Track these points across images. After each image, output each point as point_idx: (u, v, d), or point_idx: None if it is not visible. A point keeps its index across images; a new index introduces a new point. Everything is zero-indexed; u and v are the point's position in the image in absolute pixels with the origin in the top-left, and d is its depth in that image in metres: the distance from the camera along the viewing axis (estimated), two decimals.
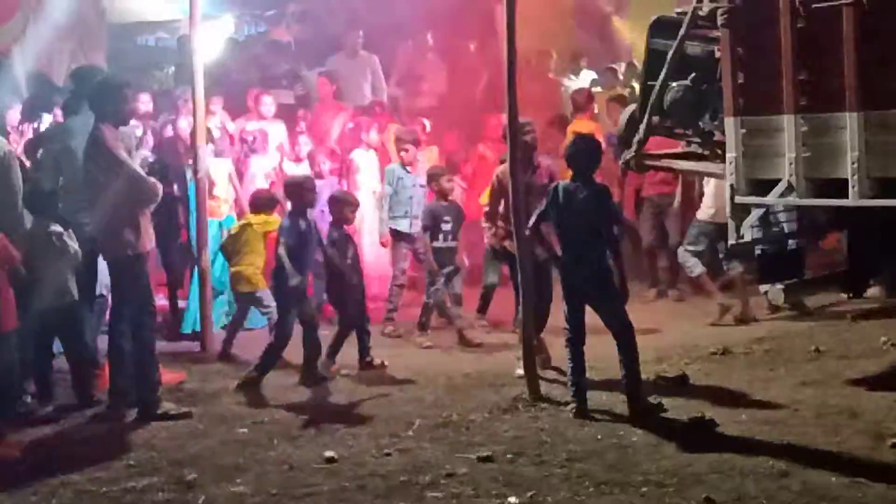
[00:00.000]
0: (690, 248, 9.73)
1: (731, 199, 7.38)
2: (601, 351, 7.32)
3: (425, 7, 13.71)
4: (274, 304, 8.56)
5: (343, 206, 8.68)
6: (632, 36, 14.77)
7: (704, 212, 9.66)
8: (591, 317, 7.15)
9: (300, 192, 8.36)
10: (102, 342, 7.84)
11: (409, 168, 10.10)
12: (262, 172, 10.79)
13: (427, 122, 11.73)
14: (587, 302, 7.09)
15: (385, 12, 14.18)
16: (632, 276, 8.89)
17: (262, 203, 9.36)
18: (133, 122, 8.99)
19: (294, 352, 8.29)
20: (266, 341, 8.31)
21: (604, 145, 8.53)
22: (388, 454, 6.31)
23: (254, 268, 9.15)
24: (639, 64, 10.79)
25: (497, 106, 11.94)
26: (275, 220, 9.13)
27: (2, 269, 6.76)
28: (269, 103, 11.47)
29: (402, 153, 10.16)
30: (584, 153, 7.24)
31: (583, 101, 11.70)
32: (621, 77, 13.09)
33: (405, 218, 9.95)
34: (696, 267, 9.71)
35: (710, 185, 9.51)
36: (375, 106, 12.18)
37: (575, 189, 7.09)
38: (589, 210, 7.02)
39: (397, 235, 10.01)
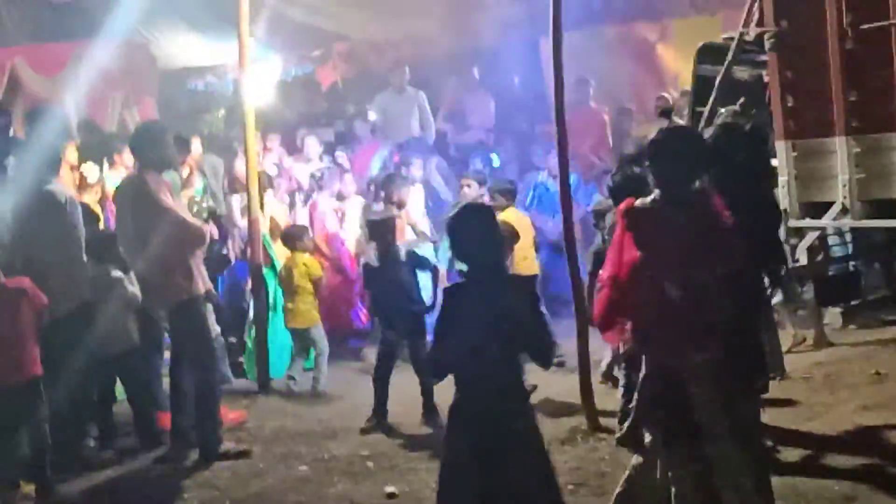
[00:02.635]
0: None
1: (785, 223, 7.38)
2: None
3: (470, 43, 13.87)
4: (324, 340, 8.68)
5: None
6: (677, 65, 14.77)
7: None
8: None
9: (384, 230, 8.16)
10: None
11: None
12: (330, 209, 10.85)
13: (494, 156, 11.81)
14: None
15: (430, 49, 14.35)
16: None
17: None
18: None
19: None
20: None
21: None
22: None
23: (305, 304, 9.27)
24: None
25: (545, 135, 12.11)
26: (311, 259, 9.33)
27: (29, 315, 6.80)
28: (313, 145, 11.63)
29: (466, 188, 10.19)
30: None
31: None
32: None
33: None
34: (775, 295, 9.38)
35: None
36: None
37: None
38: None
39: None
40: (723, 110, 7.87)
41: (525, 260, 8.89)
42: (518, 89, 14.31)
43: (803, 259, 7.45)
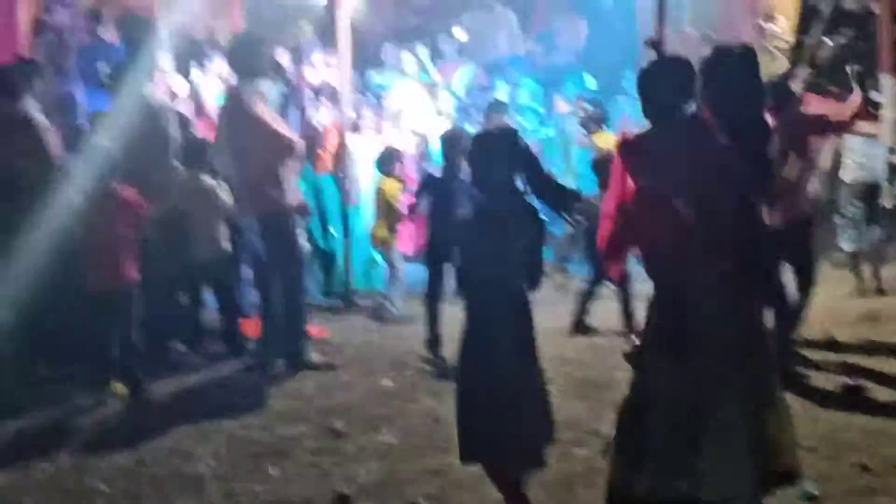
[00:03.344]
0: (847, 214, 9.09)
1: (890, 160, 7.23)
2: None
3: None
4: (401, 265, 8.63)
5: None
6: None
7: (850, 173, 9.03)
8: None
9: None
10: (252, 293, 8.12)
11: None
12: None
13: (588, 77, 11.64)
14: None
15: None
16: None
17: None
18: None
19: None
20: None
21: None
22: None
23: (383, 228, 9.22)
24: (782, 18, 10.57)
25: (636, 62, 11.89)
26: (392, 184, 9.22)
27: (132, 223, 6.95)
28: (408, 60, 11.52)
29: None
30: None
31: None
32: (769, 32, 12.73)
33: None
34: (849, 242, 9.14)
35: (855, 145, 9.10)
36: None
37: None
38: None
39: None
40: (827, 39, 7.76)
41: None
42: (610, 12, 14.04)
43: None
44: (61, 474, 5.83)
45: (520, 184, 4.69)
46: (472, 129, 9.73)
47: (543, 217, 4.80)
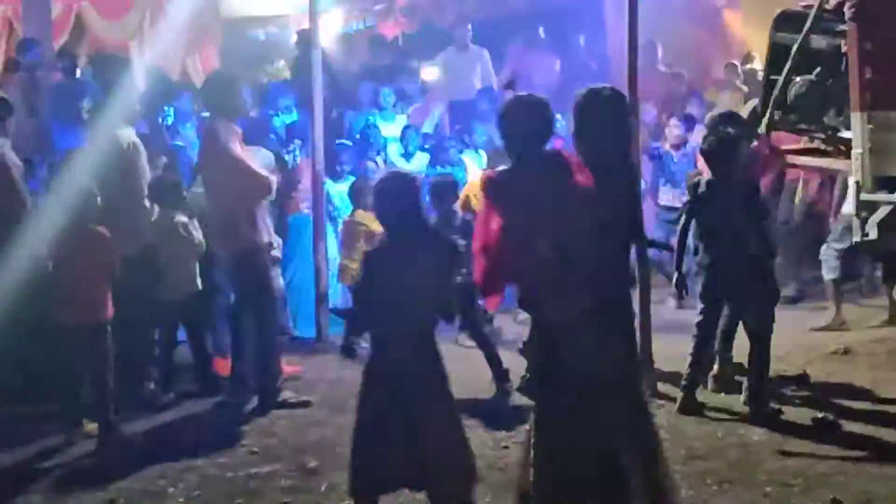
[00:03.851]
0: (836, 245, 9.05)
1: (857, 195, 7.27)
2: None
3: (534, 1, 13.72)
4: None
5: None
6: (745, 30, 14.57)
7: (846, 206, 8.72)
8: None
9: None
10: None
11: None
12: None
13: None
14: (728, 300, 7.03)
15: (494, 6, 14.23)
16: None
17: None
18: None
19: None
20: None
21: None
22: (506, 447, 6.34)
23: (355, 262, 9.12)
24: (758, 58, 10.67)
25: None
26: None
27: (105, 261, 6.94)
28: (387, 95, 11.55)
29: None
30: (723, 147, 6.97)
31: None
32: (741, 74, 12.88)
33: None
34: (832, 272, 9.11)
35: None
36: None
37: (719, 184, 6.89)
38: (737, 206, 6.80)
39: None
40: (798, 79, 7.82)
41: None
42: (583, 50, 14.17)
43: (873, 234, 7.31)
44: None
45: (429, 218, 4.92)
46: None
47: (458, 251, 4.97)
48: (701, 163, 7.92)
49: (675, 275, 7.09)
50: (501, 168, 4.88)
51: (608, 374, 4.58)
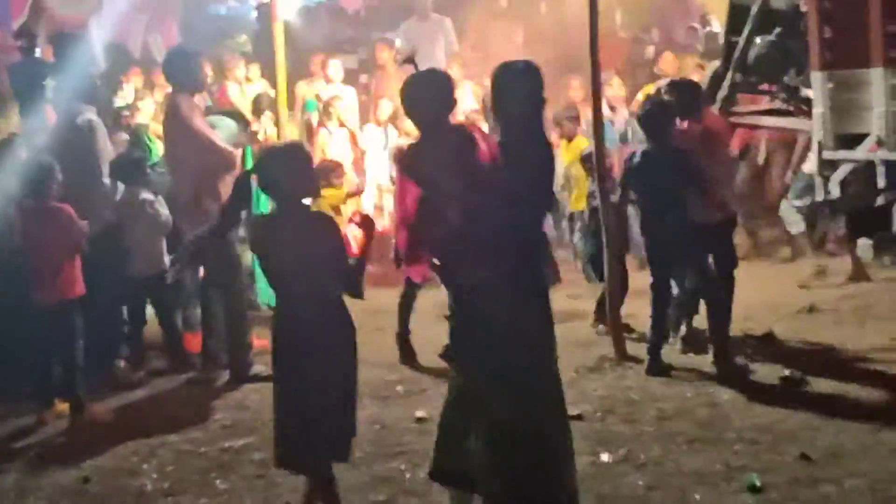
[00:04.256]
0: (796, 202, 9.35)
1: (819, 154, 7.34)
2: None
3: None
4: None
5: None
6: None
7: (806, 164, 9.03)
8: None
9: None
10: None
11: None
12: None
13: None
14: (671, 263, 7.11)
15: None
16: None
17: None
18: None
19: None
20: None
21: None
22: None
23: None
24: (716, 20, 10.71)
25: (570, 68, 11.97)
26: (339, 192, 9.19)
27: (72, 239, 6.91)
28: (336, 66, 11.51)
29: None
30: (656, 116, 7.09)
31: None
32: (701, 36, 12.90)
33: None
34: (797, 224, 9.43)
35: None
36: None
37: (652, 153, 6.99)
38: (668, 174, 6.88)
39: None
40: (758, 40, 7.87)
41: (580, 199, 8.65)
42: (545, 17, 14.12)
43: (836, 191, 7.40)
44: (3, 495, 5.77)
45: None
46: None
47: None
48: None
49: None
50: (411, 142, 4.93)
51: (520, 342, 4.63)
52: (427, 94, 4.79)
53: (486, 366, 4.61)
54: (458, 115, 10.70)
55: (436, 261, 4.85)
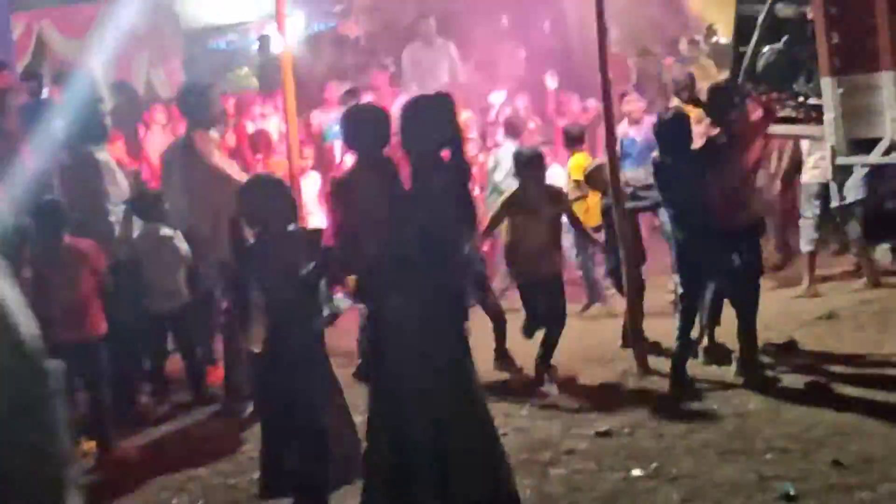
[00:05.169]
0: (807, 214, 9.05)
1: (833, 160, 7.35)
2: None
3: None
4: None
5: None
6: (700, 5, 14.67)
7: (808, 173, 9.04)
8: None
9: None
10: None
11: None
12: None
13: None
14: (700, 273, 7.08)
15: None
16: None
17: None
18: None
19: None
20: None
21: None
22: (505, 434, 6.33)
23: None
24: (720, 31, 10.75)
25: (572, 86, 12.04)
26: None
27: (93, 275, 6.93)
28: (334, 89, 11.57)
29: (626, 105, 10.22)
30: (670, 129, 7.06)
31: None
32: (704, 47, 12.97)
33: None
34: (808, 244, 9.08)
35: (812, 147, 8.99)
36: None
37: (672, 161, 6.97)
38: (693, 182, 6.87)
39: None
40: (766, 49, 7.90)
41: (588, 212, 8.66)
42: (548, 37, 14.22)
43: (851, 196, 7.42)
44: None
45: None
46: None
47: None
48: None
49: None
50: (344, 171, 5.44)
51: (433, 362, 4.81)
52: (361, 126, 5.20)
53: (400, 384, 4.83)
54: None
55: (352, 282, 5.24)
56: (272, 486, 5.19)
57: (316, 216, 9.49)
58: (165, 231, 7.70)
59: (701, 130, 7.53)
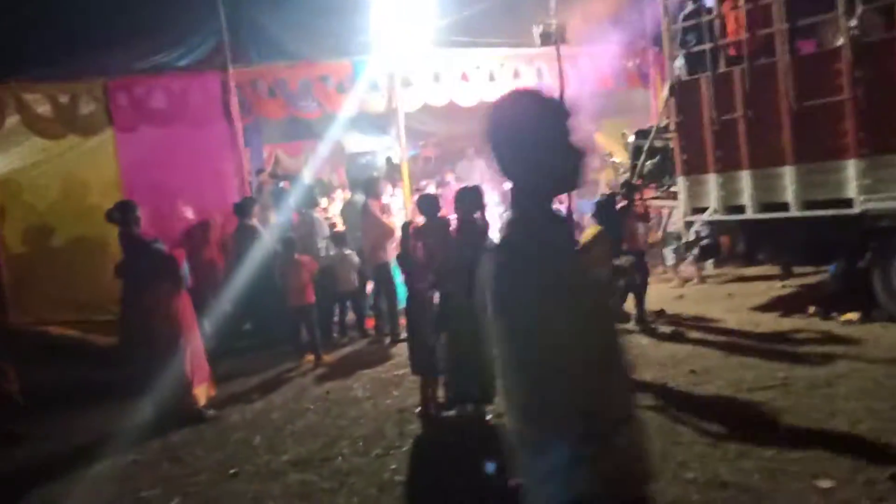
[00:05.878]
0: (669, 248, 8.67)
1: (684, 218, 7.31)
2: None
3: None
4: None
5: None
6: (608, 143, 14.50)
7: (671, 226, 8.56)
8: None
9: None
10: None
11: None
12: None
13: None
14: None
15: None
16: None
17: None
18: None
19: None
20: None
21: None
22: None
23: None
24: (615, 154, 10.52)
25: None
26: None
27: (308, 273, 6.88)
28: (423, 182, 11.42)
29: None
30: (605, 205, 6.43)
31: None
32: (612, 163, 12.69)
33: None
34: (671, 259, 8.77)
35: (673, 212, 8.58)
36: None
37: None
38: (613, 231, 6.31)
39: None
40: (648, 163, 7.87)
41: None
42: None
43: (690, 236, 7.35)
44: (284, 395, 5.67)
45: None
46: None
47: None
48: None
49: None
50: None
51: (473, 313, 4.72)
52: (433, 202, 5.15)
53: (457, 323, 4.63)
54: None
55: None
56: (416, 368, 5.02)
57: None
58: (347, 251, 7.71)
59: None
